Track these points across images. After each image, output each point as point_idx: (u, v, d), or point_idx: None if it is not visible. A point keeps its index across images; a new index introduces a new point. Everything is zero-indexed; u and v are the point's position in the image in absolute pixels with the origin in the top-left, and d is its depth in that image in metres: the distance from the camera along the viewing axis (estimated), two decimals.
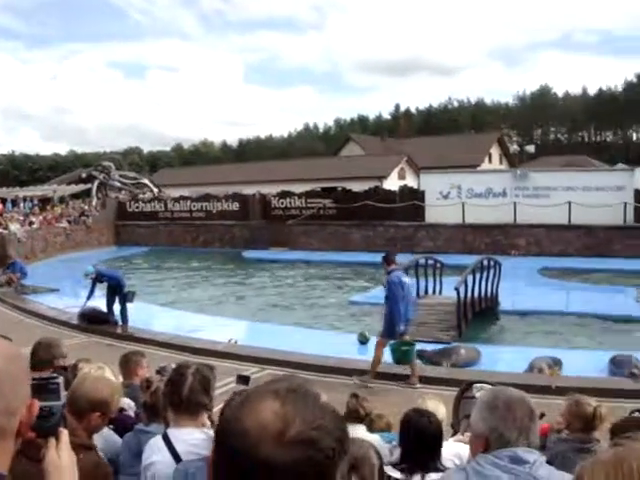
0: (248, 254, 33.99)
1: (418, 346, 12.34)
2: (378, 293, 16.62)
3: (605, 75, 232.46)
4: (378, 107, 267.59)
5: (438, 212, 33.07)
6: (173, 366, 4.20)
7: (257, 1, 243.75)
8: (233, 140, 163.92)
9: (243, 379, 4.93)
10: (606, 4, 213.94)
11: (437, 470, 3.92)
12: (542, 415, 5.84)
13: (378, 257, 12.19)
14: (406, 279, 11.88)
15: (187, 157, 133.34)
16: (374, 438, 5.22)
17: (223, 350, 13.35)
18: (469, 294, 16.10)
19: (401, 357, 11.55)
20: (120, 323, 16.25)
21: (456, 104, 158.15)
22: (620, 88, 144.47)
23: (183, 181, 54.93)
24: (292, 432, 1.10)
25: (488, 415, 2.61)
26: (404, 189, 37.31)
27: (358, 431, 5.36)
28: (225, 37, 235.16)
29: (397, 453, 4.26)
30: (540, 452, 5.18)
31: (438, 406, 5.09)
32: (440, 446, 4.19)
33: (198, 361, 4.80)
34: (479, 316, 17.28)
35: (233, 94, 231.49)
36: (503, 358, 13.86)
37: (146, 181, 48.22)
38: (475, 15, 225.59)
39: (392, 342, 11.57)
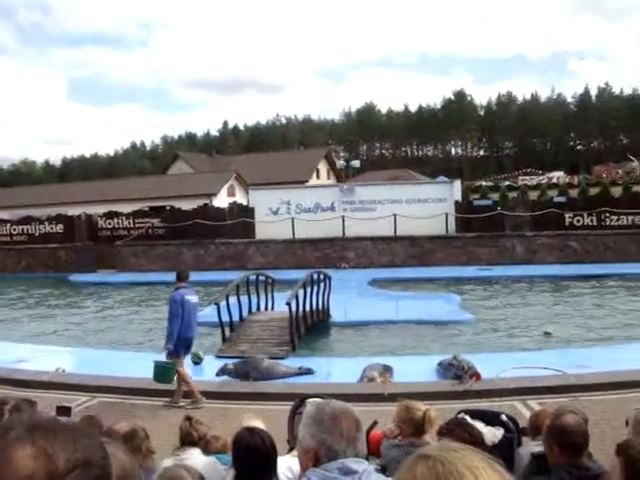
0: (75, 278, 32.66)
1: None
2: (212, 312, 16.46)
3: (425, 92, 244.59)
4: (206, 124, 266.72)
5: (268, 228, 33.28)
6: None
7: (80, 15, 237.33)
8: (56, 159, 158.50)
9: (64, 410, 4.68)
10: (421, 26, 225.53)
11: None
12: (375, 423, 5.98)
13: (209, 276, 12.14)
14: (191, 298, 11.55)
15: (6, 177, 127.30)
16: (209, 460, 5.14)
17: (49, 380, 12.68)
18: (301, 308, 16.25)
19: (157, 375, 11.35)
20: None
21: (284, 121, 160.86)
22: (439, 105, 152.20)
23: (2, 203, 52.04)
24: (61, 465, 1.03)
25: (315, 429, 2.62)
26: (234, 206, 37.30)
27: (193, 454, 5.26)
28: (46, 52, 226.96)
29: (232, 474, 4.21)
30: (376, 459, 5.32)
31: (257, 422, 5.07)
32: (275, 463, 4.17)
33: (21, 395, 4.54)
34: (312, 329, 17.50)
35: (55, 111, 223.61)
36: (337, 369, 14.08)
37: None
38: (301, 34, 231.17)
39: (155, 360, 11.51)
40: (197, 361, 14.23)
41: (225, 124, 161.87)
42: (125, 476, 2.00)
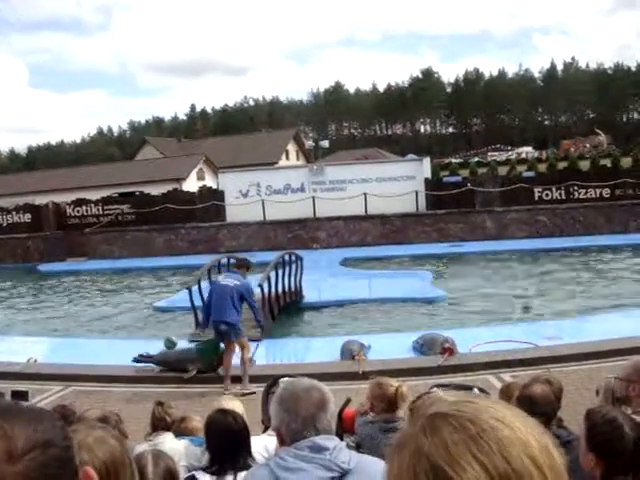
0: (44, 267, 32.27)
1: None
2: (184, 297, 16.41)
3: (392, 71, 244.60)
4: (173, 108, 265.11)
5: (239, 211, 33.14)
6: None
7: (37, 1, 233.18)
8: (22, 148, 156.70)
9: (20, 395, 4.62)
10: (384, 4, 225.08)
11: (248, 467, 3.90)
12: (348, 400, 6.02)
13: (180, 261, 12.05)
14: (223, 280, 11.57)
15: None
16: (183, 444, 5.13)
17: (22, 371, 12.56)
18: (273, 290, 16.26)
19: (200, 357, 11.78)
20: None
21: (252, 103, 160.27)
22: (407, 83, 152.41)
23: None
24: (20, 445, 1.02)
25: (277, 408, 2.66)
26: (203, 190, 37.08)
27: (166, 439, 5.25)
28: (5, 38, 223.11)
29: (207, 457, 4.22)
30: (350, 436, 5.35)
31: (234, 404, 5.09)
32: (248, 443, 4.18)
33: None
34: (286, 311, 17.54)
35: (18, 99, 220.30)
36: (313, 349, 14.11)
37: None
38: (264, 15, 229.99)
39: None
40: (170, 346, 14.13)
41: (192, 108, 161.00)
42: (114, 462, 1.98)
